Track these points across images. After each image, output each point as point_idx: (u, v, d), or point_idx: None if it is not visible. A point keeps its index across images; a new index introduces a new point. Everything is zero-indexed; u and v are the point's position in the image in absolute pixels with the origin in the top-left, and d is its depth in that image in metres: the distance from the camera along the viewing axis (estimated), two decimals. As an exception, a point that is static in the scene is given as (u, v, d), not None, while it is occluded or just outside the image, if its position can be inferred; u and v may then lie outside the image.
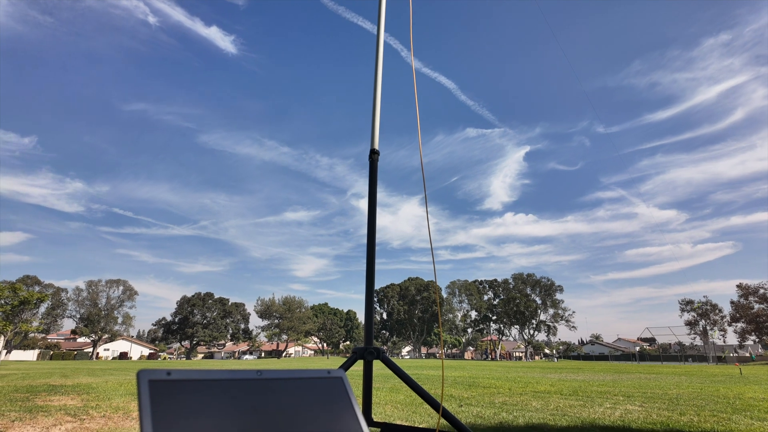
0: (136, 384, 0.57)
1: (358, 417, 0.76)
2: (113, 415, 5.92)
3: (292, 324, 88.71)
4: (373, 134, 3.10)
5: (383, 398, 7.80)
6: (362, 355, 2.48)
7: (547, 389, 10.24)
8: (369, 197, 2.94)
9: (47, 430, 4.83)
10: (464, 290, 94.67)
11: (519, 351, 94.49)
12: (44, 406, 6.68)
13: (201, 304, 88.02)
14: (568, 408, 6.84)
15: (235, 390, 0.65)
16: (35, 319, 56.74)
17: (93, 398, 7.81)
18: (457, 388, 10.38)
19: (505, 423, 5.36)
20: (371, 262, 2.76)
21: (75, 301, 76.34)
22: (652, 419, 5.72)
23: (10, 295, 38.02)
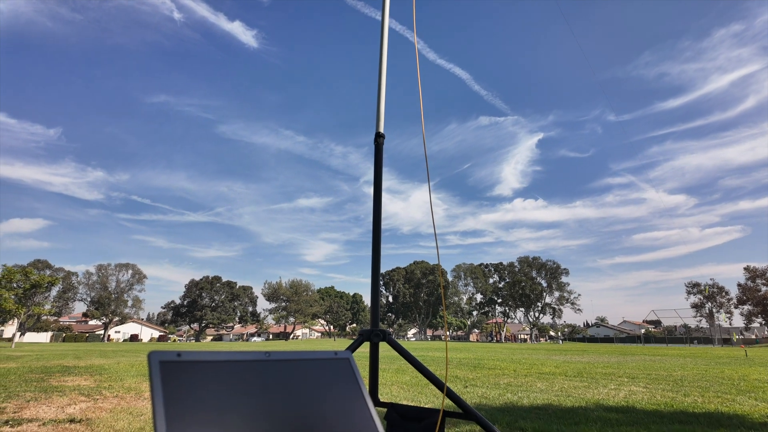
0: (148, 365, 0.58)
1: (365, 397, 0.77)
2: (125, 395, 6.07)
3: (299, 307, 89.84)
4: (378, 117, 3.08)
5: (389, 379, 7.91)
6: (368, 337, 2.51)
7: (552, 371, 10.33)
8: (374, 180, 2.93)
9: (62, 409, 4.96)
10: (470, 273, 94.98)
11: (524, 333, 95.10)
12: (59, 387, 6.85)
13: (209, 288, 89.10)
14: (573, 389, 6.91)
15: (244, 371, 0.66)
16: (47, 302, 57.84)
17: (106, 379, 7.99)
18: (463, 370, 10.49)
19: (510, 404, 5.43)
20: (377, 245, 2.77)
21: (85, 284, 77.58)
22: (656, 400, 5.77)
23: (22, 278, 38.66)
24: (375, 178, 2.94)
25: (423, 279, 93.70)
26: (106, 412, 4.75)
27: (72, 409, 4.97)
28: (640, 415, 4.67)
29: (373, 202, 2.89)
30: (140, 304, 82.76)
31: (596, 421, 4.29)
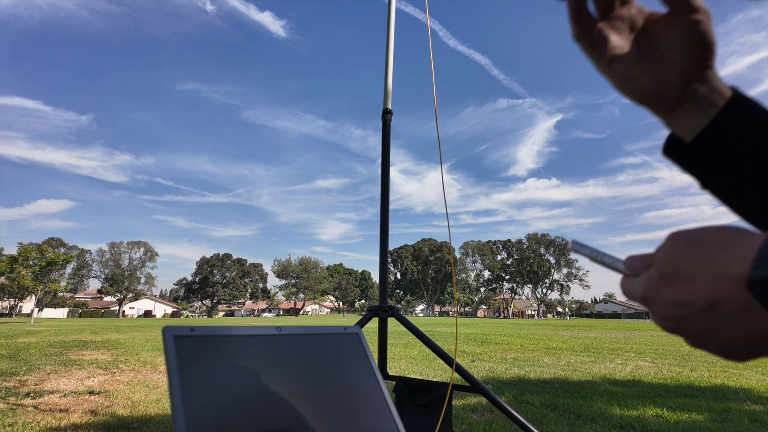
0: (162, 339, 0.59)
1: (375, 370, 0.78)
2: (141, 368, 6.25)
3: (308, 283, 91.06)
4: (386, 94, 3.04)
5: (398, 354, 8.05)
6: (377, 312, 2.54)
7: (559, 346, 10.43)
8: (383, 156, 2.92)
9: (81, 381, 5.12)
10: (477, 250, 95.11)
11: (531, 309, 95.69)
12: (77, 360, 7.07)
13: (220, 265, 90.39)
14: (579, 364, 6.98)
15: (256, 345, 0.67)
16: (62, 279, 59.18)
17: (122, 353, 8.22)
18: (470, 345, 10.63)
19: (517, 378, 5.51)
20: (385, 222, 2.77)
21: (99, 262, 79.03)
22: (662, 374, 5.82)
23: (38, 256, 39.49)
24: (383, 154, 2.93)
25: (431, 256, 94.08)
26: (124, 385, 4.90)
27: (91, 381, 5.14)
28: (646, 389, 4.72)
29: (381, 177, 2.88)
30: (153, 281, 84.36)
31: (603, 395, 4.34)
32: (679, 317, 0.31)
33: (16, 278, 37.74)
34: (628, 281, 0.36)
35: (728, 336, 0.30)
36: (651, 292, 0.33)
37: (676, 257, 0.31)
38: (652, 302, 0.33)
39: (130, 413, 3.57)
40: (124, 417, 3.45)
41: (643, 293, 0.33)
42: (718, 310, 0.29)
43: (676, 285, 0.31)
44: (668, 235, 0.33)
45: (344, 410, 0.69)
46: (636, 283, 0.34)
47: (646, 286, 0.33)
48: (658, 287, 0.32)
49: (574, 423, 3.29)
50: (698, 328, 0.31)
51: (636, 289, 0.34)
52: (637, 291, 0.34)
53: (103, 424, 3.25)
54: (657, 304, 0.32)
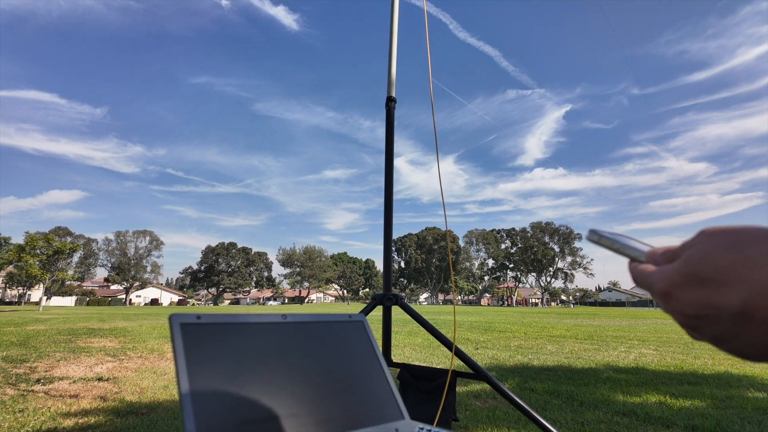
0: (169, 327, 0.60)
1: (379, 357, 0.79)
2: (149, 355, 6.33)
3: (313, 272, 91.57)
4: (390, 81, 3.02)
5: (402, 341, 8.11)
6: (381, 301, 2.56)
7: (563, 334, 10.46)
8: (386, 144, 2.90)
9: (90, 368, 5.20)
10: (481, 239, 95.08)
11: (535, 297, 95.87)
12: (86, 347, 7.17)
13: (225, 254, 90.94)
14: (583, 351, 7.01)
15: (262, 332, 0.68)
16: (69, 267, 59.77)
17: (129, 340, 8.33)
18: (474, 332, 10.69)
19: (520, 365, 5.54)
20: (389, 210, 2.77)
21: (105, 250, 79.69)
22: (666, 362, 5.83)
23: (45, 245, 39.83)
24: (387, 142, 2.92)
25: (435, 245, 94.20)
26: (132, 371, 4.97)
27: (99, 368, 5.22)
28: (649, 376, 4.75)
29: (384, 165, 2.87)
30: (159, 270, 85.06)
31: (606, 382, 4.37)
32: (701, 317, 0.30)
33: (24, 267, 38.15)
34: (642, 270, 0.34)
35: (751, 341, 0.28)
36: (674, 289, 0.31)
37: (712, 257, 0.29)
38: (674, 299, 0.31)
39: (138, 399, 3.63)
40: (132, 403, 3.51)
41: (664, 288, 0.31)
42: (750, 317, 0.27)
43: (707, 286, 0.29)
44: (701, 231, 0.31)
45: (349, 396, 0.70)
46: (655, 276, 0.32)
47: (669, 282, 0.31)
48: (684, 285, 0.30)
49: (578, 410, 3.31)
50: (721, 331, 0.29)
51: (655, 282, 0.32)
52: (657, 285, 0.32)
53: (113, 409, 3.30)
54: (679, 302, 0.31)
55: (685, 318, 0.31)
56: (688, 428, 2.85)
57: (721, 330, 0.29)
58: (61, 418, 3.05)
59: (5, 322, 14.16)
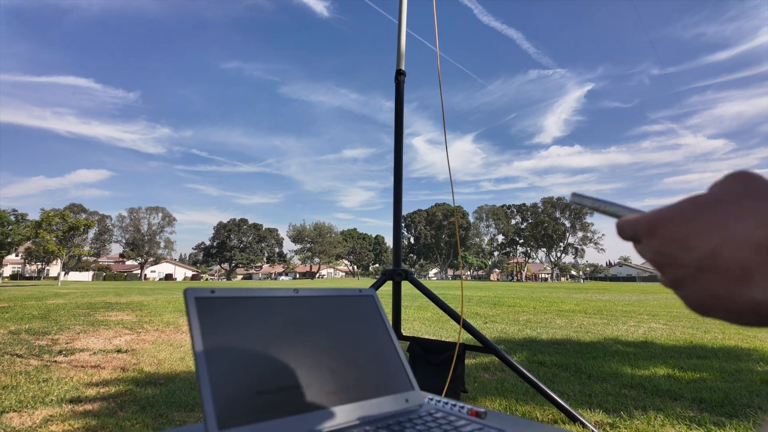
0: (184, 301, 0.62)
1: (389, 330, 0.80)
2: (165, 328, 6.50)
3: (323, 248, 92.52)
4: (399, 54, 2.96)
5: (411, 315, 8.21)
6: (391, 276, 2.58)
7: (572, 308, 10.51)
8: (395, 117, 2.87)
9: (109, 340, 5.37)
10: (491, 215, 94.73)
11: (545, 273, 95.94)
12: (104, 321, 7.39)
13: (236, 230, 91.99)
14: (592, 326, 7.05)
15: (274, 306, 0.69)
16: (85, 243, 61.00)
17: (146, 314, 8.55)
18: (483, 307, 10.78)
19: (529, 338, 5.60)
20: (398, 185, 2.77)
21: (119, 227, 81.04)
22: (675, 336, 5.85)
23: (60, 221, 40.57)
24: (396, 116, 2.89)
25: (444, 221, 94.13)
26: (149, 344, 5.12)
27: (118, 340, 5.38)
28: (658, 350, 4.77)
29: (394, 139, 2.85)
30: (172, 246, 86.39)
31: (614, 356, 4.40)
32: (673, 256, 0.31)
33: (41, 243, 39.02)
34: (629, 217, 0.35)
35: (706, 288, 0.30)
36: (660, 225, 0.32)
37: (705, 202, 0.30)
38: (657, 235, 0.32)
39: (156, 370, 3.75)
40: (151, 373, 3.63)
41: (652, 224, 0.32)
42: (714, 263, 0.29)
43: (690, 226, 0.30)
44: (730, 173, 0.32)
45: (360, 368, 0.71)
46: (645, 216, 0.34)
47: (658, 218, 0.32)
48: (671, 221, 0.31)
49: (585, 382, 3.36)
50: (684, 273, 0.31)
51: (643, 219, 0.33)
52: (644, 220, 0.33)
53: (132, 379, 3.42)
54: (661, 238, 0.32)
55: (659, 256, 0.32)
56: (695, 401, 2.87)
57: (684, 272, 0.31)
58: (84, 388, 3.17)
59: (26, 296, 14.59)
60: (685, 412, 2.65)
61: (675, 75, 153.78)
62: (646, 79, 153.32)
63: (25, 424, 2.44)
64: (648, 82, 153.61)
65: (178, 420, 2.49)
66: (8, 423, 2.44)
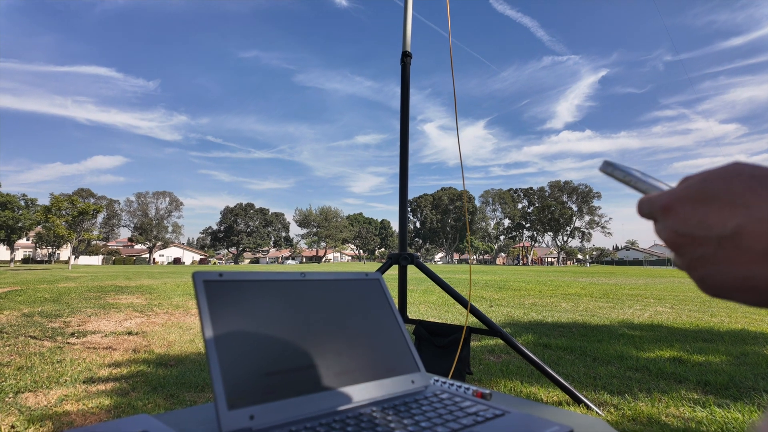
0: (193, 284, 0.62)
1: (395, 313, 0.81)
2: (174, 311, 6.60)
3: (329, 232, 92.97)
4: (405, 36, 2.92)
5: (417, 299, 8.27)
6: (397, 260, 2.59)
7: (578, 292, 10.52)
8: (401, 100, 2.85)
9: (120, 323, 5.47)
10: (498, 199, 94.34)
11: (551, 257, 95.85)
12: (115, 304, 7.51)
13: (243, 214, 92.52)
14: (598, 309, 7.06)
15: (282, 289, 0.70)
16: (94, 228, 61.73)
17: (155, 297, 8.68)
18: (488, 291, 10.82)
19: (535, 322, 5.63)
20: (404, 170, 2.76)
21: (127, 211, 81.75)
22: (681, 320, 5.85)
23: (69, 206, 40.99)
24: (402, 99, 2.86)
25: (450, 205, 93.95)
26: (159, 326, 5.21)
27: (128, 323, 5.48)
28: (664, 333, 4.78)
29: (400, 122, 2.83)
30: (180, 230, 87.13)
31: (620, 339, 4.42)
32: (691, 236, 0.30)
33: (51, 227, 39.52)
34: (650, 195, 0.34)
35: (727, 269, 0.29)
36: (677, 203, 0.31)
37: (727, 179, 0.29)
38: (673, 213, 0.31)
39: (166, 352, 3.82)
40: (161, 355, 3.70)
41: (667, 202, 0.32)
42: (738, 242, 0.28)
43: (711, 204, 0.29)
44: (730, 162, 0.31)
45: (366, 350, 0.72)
46: (662, 194, 0.33)
47: (675, 196, 0.31)
48: (688, 200, 0.31)
49: (590, 365, 3.38)
50: (702, 253, 0.30)
51: (660, 198, 0.33)
52: (661, 199, 0.32)
53: (144, 360, 3.49)
54: (677, 217, 0.31)
55: (676, 235, 0.32)
56: (700, 384, 2.89)
57: (702, 252, 0.30)
58: (97, 369, 3.24)
59: (38, 279, 14.84)
60: (690, 394, 2.67)
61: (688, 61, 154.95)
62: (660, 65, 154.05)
63: (40, 403, 2.50)
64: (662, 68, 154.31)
65: (189, 400, 2.55)
66: (24, 403, 2.51)
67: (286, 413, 0.59)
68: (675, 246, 0.32)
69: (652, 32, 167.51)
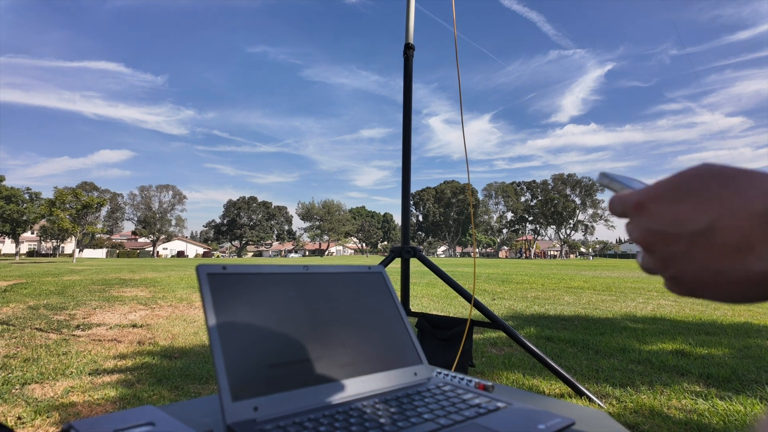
0: (197, 277, 0.63)
1: (398, 306, 0.81)
2: (178, 304, 6.64)
3: (332, 226, 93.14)
4: (408, 28, 2.90)
5: (420, 292, 8.28)
6: (400, 253, 2.59)
7: (581, 285, 10.52)
8: (404, 93, 2.84)
9: (124, 316, 5.50)
10: (501, 192, 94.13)
11: (554, 250, 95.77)
12: (119, 297, 7.56)
13: (246, 207, 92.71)
14: (600, 302, 7.06)
15: (285, 282, 0.70)
16: (98, 221, 62.08)
17: (159, 290, 8.73)
18: (491, 284, 10.83)
19: (537, 315, 5.63)
20: (407, 163, 2.75)
21: (131, 205, 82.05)
22: (684, 313, 5.84)
23: (73, 200, 41.17)
24: (404, 90, 2.85)
25: (453, 198, 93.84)
26: (163, 319, 5.24)
27: (133, 315, 5.51)
28: (667, 327, 4.78)
29: (402, 114, 2.83)
30: (183, 223, 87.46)
31: (622, 332, 4.42)
32: (663, 234, 0.30)
33: (56, 221, 39.73)
34: (622, 193, 0.34)
35: (702, 264, 0.29)
36: (650, 201, 0.31)
37: (699, 176, 0.29)
38: (645, 212, 0.31)
39: (171, 344, 3.85)
40: (166, 347, 3.72)
41: (640, 200, 0.31)
42: (711, 237, 0.28)
43: (683, 201, 0.29)
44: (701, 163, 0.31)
45: (369, 342, 0.73)
46: (635, 193, 0.32)
47: (647, 194, 0.31)
48: (661, 198, 0.30)
49: (593, 358, 3.39)
50: (675, 250, 0.30)
51: (633, 196, 0.32)
52: (633, 197, 0.32)
53: (148, 352, 3.52)
54: (650, 215, 0.31)
55: (648, 233, 0.31)
56: (703, 376, 2.89)
57: (675, 249, 0.30)
58: (102, 361, 3.27)
59: (43, 272, 14.94)
60: (692, 387, 2.67)
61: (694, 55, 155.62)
62: (666, 58, 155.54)
63: (47, 394, 2.53)
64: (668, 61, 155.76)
65: (194, 392, 2.57)
66: (31, 394, 2.54)
67: (290, 405, 0.59)
68: (647, 244, 0.32)
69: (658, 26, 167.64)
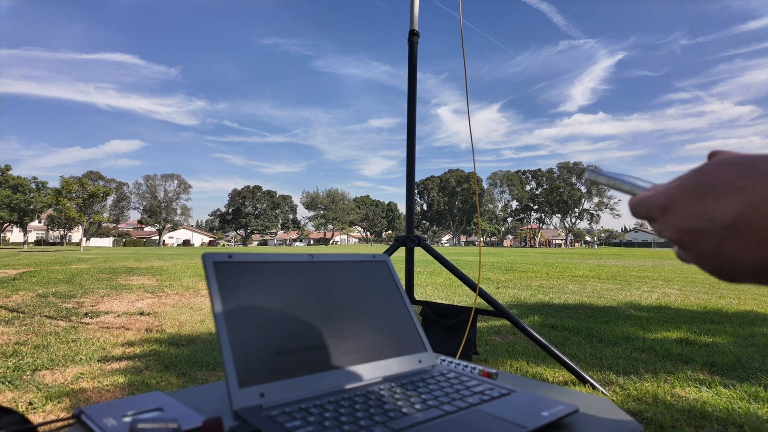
0: (203, 265, 0.63)
1: (402, 294, 0.82)
2: (185, 292, 6.70)
3: (336, 215, 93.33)
4: (413, 14, 2.86)
5: (424, 281, 8.31)
6: (404, 242, 2.59)
7: (585, 274, 10.50)
8: (409, 80, 2.81)
9: (132, 304, 5.57)
10: (506, 181, 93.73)
11: (559, 239, 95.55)
12: (126, 285, 7.64)
13: (251, 197, 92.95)
14: (605, 291, 7.06)
15: (290, 270, 0.71)
16: (105, 210, 62.58)
17: (166, 278, 8.81)
18: (495, 272, 10.84)
19: (542, 303, 5.64)
20: (411, 151, 2.74)
21: (136, 194, 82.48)
22: (689, 301, 5.83)
23: (80, 189, 41.40)
24: (409, 78, 2.82)
25: (458, 187, 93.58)
26: (170, 307, 5.30)
27: (140, 303, 5.57)
28: (671, 315, 4.78)
29: (407, 102, 2.81)
30: (189, 212, 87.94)
31: (627, 320, 4.43)
32: (695, 231, 0.31)
33: (63, 210, 40.03)
34: (643, 195, 0.35)
35: (735, 257, 0.29)
36: (674, 200, 0.32)
37: (717, 169, 0.30)
38: (672, 211, 0.32)
39: (178, 332, 3.90)
40: (173, 335, 3.77)
41: (665, 201, 0.32)
42: (739, 230, 0.28)
43: (707, 197, 0.30)
44: (712, 152, 0.32)
45: (374, 330, 0.73)
46: (657, 194, 0.33)
47: (670, 194, 0.32)
48: (685, 196, 0.31)
49: (597, 346, 3.40)
50: (708, 246, 0.30)
51: (656, 197, 0.33)
52: (657, 198, 0.33)
53: (156, 339, 3.57)
54: (677, 214, 0.31)
55: (679, 232, 0.32)
56: (707, 365, 2.89)
57: (708, 245, 0.30)
58: (110, 348, 3.32)
59: (51, 261, 15.10)
60: (696, 374, 2.68)
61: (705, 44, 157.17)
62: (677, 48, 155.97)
63: (57, 381, 2.58)
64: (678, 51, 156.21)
65: (201, 378, 2.60)
66: (41, 380, 2.58)
67: (296, 391, 0.60)
68: (680, 242, 0.32)
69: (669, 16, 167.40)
